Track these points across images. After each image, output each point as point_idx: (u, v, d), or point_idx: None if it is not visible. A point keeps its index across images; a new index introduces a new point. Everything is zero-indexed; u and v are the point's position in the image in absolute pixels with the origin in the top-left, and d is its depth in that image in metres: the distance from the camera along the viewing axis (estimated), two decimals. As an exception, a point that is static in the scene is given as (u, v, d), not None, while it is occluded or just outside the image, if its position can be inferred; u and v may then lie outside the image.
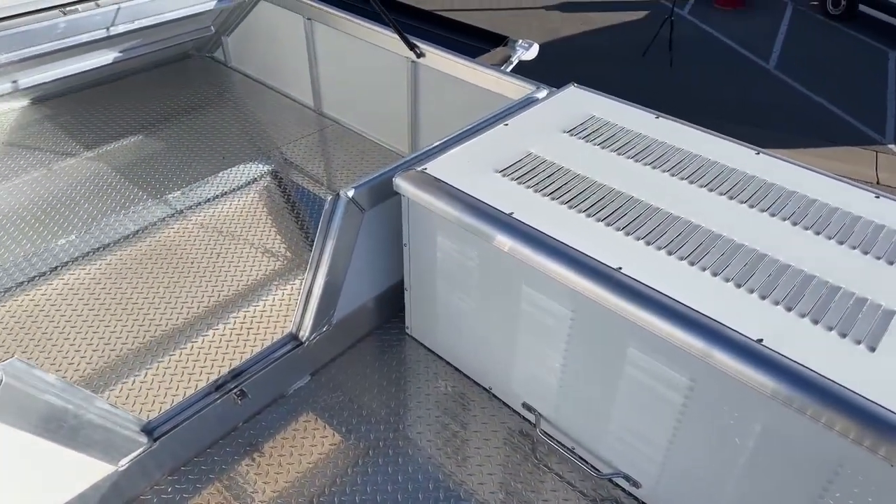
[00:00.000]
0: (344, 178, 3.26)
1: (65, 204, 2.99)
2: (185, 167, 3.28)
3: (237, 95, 3.92)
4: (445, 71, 2.95)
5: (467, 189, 1.91)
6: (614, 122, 2.27)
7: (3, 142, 3.37)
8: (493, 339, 2.05)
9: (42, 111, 3.62)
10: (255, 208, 3.04)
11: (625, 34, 9.43)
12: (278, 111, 3.77)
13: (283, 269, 2.71)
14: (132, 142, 3.45)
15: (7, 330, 2.37)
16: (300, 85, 3.76)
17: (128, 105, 3.74)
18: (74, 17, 3.09)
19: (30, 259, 2.68)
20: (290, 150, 3.45)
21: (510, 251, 1.77)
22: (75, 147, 3.38)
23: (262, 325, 2.45)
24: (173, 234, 2.87)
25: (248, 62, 4.08)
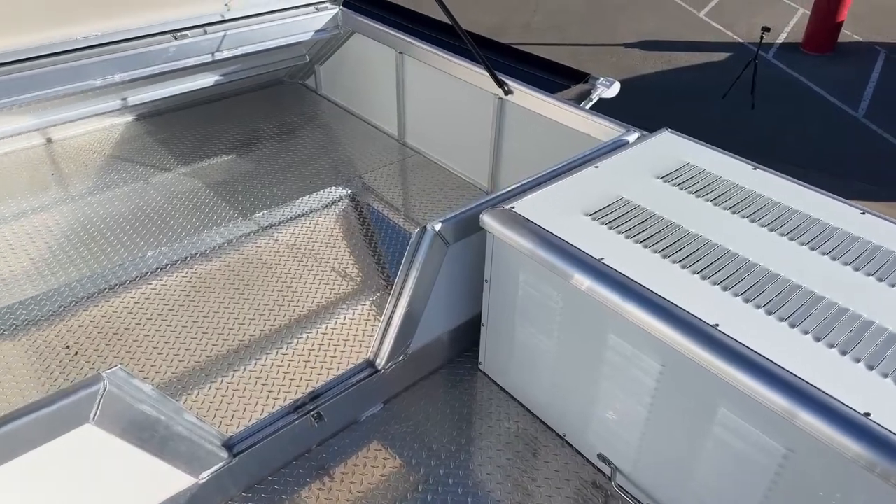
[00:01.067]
0: (422, 207, 3.31)
1: (160, 215, 3.15)
2: (272, 187, 3.41)
3: (325, 121, 4.06)
4: (532, 108, 2.97)
5: (556, 231, 1.90)
6: (710, 170, 2.22)
7: (108, 154, 3.59)
8: (571, 384, 2.01)
9: (145, 127, 3.85)
10: (336, 231, 3.11)
11: (706, 75, 9.27)
12: (363, 139, 3.88)
13: (358, 293, 2.75)
14: (225, 160, 3.61)
15: (101, 334, 2.49)
16: (386, 114, 3.86)
17: (223, 126, 3.93)
18: (184, 42, 3.29)
19: (125, 266, 2.83)
20: (372, 177, 3.53)
21: (598, 297, 1.74)
22: (172, 162, 3.56)
23: (337, 347, 2.49)
24: (258, 250, 2.97)
25: (337, 90, 4.23)
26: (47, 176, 3.38)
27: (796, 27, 10.64)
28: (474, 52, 3.04)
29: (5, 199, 3.18)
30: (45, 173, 3.40)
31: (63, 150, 3.60)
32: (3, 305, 2.59)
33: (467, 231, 2.16)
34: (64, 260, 2.84)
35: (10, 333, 2.49)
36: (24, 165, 3.44)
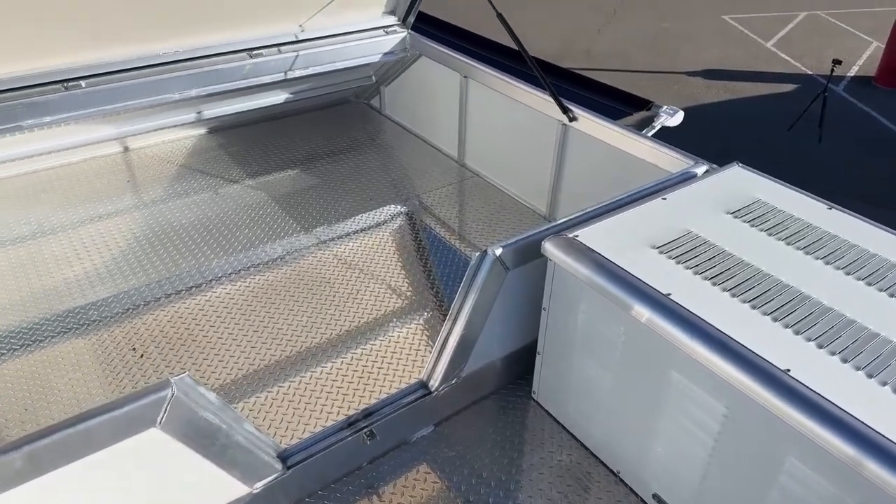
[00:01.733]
0: (479, 230, 3.32)
1: (226, 225, 3.25)
2: (333, 203, 3.48)
3: (387, 141, 4.13)
4: (596, 136, 2.95)
5: (621, 263, 1.87)
6: (782, 208, 2.15)
7: (180, 164, 3.74)
8: (628, 420, 1.96)
9: (217, 140, 4.00)
10: (392, 249, 3.15)
11: (771, 106, 9.04)
12: (423, 159, 3.93)
13: (412, 312, 2.77)
14: (290, 175, 3.71)
15: (166, 338, 2.58)
16: (447, 136, 3.90)
17: (290, 141, 4.05)
18: (259, 60, 3.41)
19: (191, 273, 2.92)
20: (430, 197, 3.56)
21: (663, 333, 1.70)
22: (240, 174, 3.68)
23: (390, 365, 2.51)
24: (317, 263, 3.03)
25: (400, 111, 4.30)
26: (123, 182, 3.54)
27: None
28: (539, 78, 3.05)
29: (84, 204, 3.35)
30: (122, 180, 3.56)
31: (139, 158, 3.77)
32: (77, 305, 2.71)
33: (528, 257, 2.15)
34: (134, 264, 2.96)
35: (81, 332, 2.60)
36: (103, 172, 3.62)
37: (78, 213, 3.27)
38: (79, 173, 3.58)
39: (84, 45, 2.94)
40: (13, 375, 2.39)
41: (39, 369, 2.42)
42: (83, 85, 2.96)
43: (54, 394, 2.32)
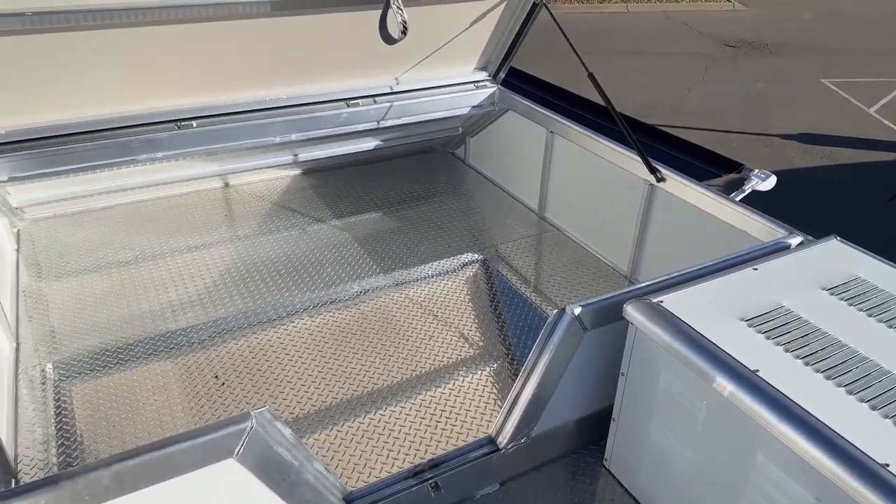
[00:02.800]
0: (556, 284, 3.29)
1: (311, 262, 3.37)
2: (412, 247, 3.55)
3: (468, 190, 4.20)
4: (685, 198, 2.90)
5: (707, 333, 1.81)
6: (884, 287, 2.03)
7: (273, 202, 3.93)
8: (706, 499, 1.86)
9: (308, 181, 4.19)
10: (467, 297, 3.17)
11: (873, 175, 8.58)
12: (503, 210, 3.96)
13: (482, 362, 2.76)
14: (373, 217, 3.83)
15: (247, 368, 2.68)
16: (529, 189, 3.93)
17: (376, 185, 4.19)
18: (355, 109, 3.59)
19: (275, 306, 3.04)
20: (508, 248, 3.58)
21: (750, 413, 1.62)
22: (328, 215, 3.83)
23: (458, 416, 2.50)
24: (392, 305, 3.08)
25: (484, 161, 4.38)
26: (221, 216, 3.75)
27: None
28: (628, 137, 3.05)
29: (183, 234, 3.57)
30: (219, 214, 3.78)
31: (237, 194, 4.00)
32: (168, 329, 2.86)
33: (607, 319, 2.11)
34: (224, 294, 3.11)
35: (169, 355, 2.74)
36: (203, 205, 3.86)
37: (177, 243, 3.48)
38: (182, 205, 3.83)
39: (198, 90, 3.18)
40: (105, 391, 2.54)
41: (128, 388, 2.56)
42: (194, 125, 3.19)
43: (140, 414, 2.45)
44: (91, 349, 2.73)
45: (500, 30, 3.68)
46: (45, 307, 2.96)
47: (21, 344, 2.72)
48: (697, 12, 16.86)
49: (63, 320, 2.89)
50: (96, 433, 2.36)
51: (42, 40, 2.60)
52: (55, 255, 3.31)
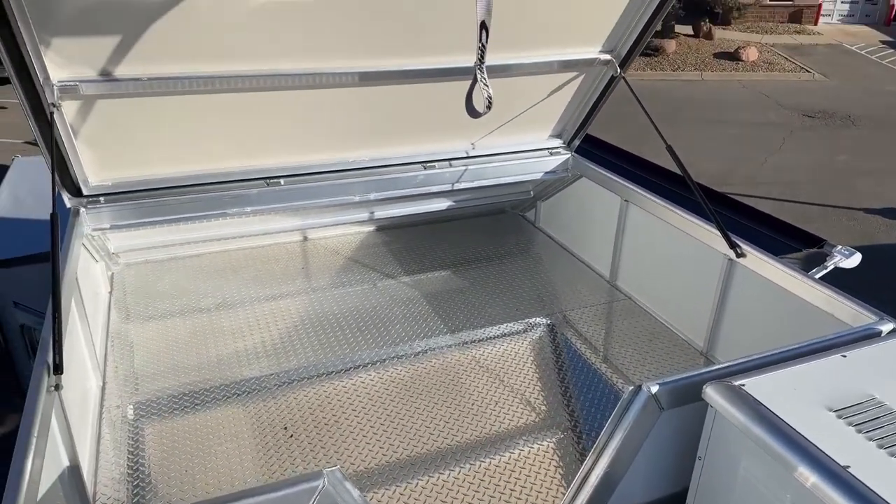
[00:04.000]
0: (625, 356, 3.22)
1: (379, 317, 3.44)
2: (479, 308, 3.57)
3: (538, 253, 4.21)
4: (766, 275, 2.81)
5: (794, 423, 1.72)
6: None
7: (348, 257, 4.06)
8: None
9: (382, 237, 4.32)
10: (532, 363, 3.14)
11: (968, 255, 8.07)
12: (573, 275, 3.94)
13: (546, 432, 2.71)
14: (442, 276, 3.89)
15: (314, 420, 2.72)
16: (600, 255, 3.90)
17: (446, 244, 4.27)
18: (431, 172, 3.71)
19: (344, 359, 3.10)
20: (576, 315, 3.54)
21: (841, 512, 1.52)
22: (398, 271, 3.92)
23: (522, 488, 2.44)
24: (457, 365, 3.09)
25: (554, 225, 4.40)
26: (298, 269, 3.90)
27: None
28: (706, 209, 3.01)
29: (261, 283, 3.72)
30: (297, 266, 3.93)
31: (314, 248, 4.15)
32: (241, 377, 2.96)
33: (685, 399, 2.04)
34: (297, 344, 3.20)
35: (241, 402, 2.82)
36: (282, 257, 4.02)
37: (256, 292, 3.63)
38: (263, 256, 4.00)
39: (288, 150, 3.37)
40: (180, 434, 2.63)
41: (202, 433, 2.64)
42: (282, 183, 3.37)
43: (211, 460, 2.51)
44: (169, 392, 2.85)
45: (577, 100, 3.75)
46: (131, 348, 3.12)
47: (107, 383, 2.87)
48: (775, 82, 16.65)
49: (145, 362, 3.03)
50: (169, 476, 2.44)
51: (151, 102, 2.84)
52: (143, 298, 3.50)
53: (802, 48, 20.77)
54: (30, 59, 2.39)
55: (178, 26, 2.53)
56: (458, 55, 3.10)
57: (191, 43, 2.63)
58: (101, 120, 2.81)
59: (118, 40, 2.50)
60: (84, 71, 2.57)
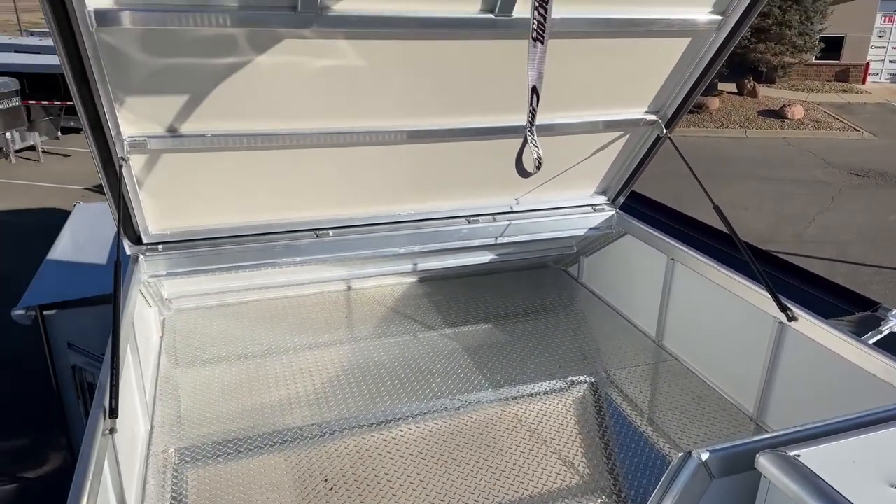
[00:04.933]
0: (672, 419, 3.13)
1: (420, 370, 3.44)
2: (521, 364, 3.54)
3: (581, 309, 4.18)
4: (819, 340, 2.73)
5: (854, 499, 1.64)
6: None
7: (389, 307, 4.10)
8: None
9: (423, 289, 4.36)
10: (573, 422, 3.08)
11: None
12: (617, 333, 3.89)
13: (589, 496, 2.63)
14: (483, 329, 3.88)
15: (354, 472, 2.71)
16: (645, 314, 3.85)
17: (488, 298, 4.27)
18: (475, 226, 3.76)
19: (384, 411, 3.10)
20: (620, 375, 3.47)
21: None
22: (439, 323, 3.93)
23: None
24: (498, 422, 3.05)
25: (598, 282, 4.37)
26: (341, 318, 3.95)
27: None
28: (755, 271, 2.96)
29: (305, 332, 3.77)
30: (340, 315, 3.98)
31: (357, 298, 4.21)
32: (283, 426, 2.98)
33: (737, 467, 1.97)
34: (339, 394, 3.21)
35: (281, 452, 2.83)
36: (326, 306, 4.08)
37: (300, 340, 3.68)
38: (307, 305, 4.08)
39: (336, 203, 3.48)
40: (222, 481, 2.64)
41: (243, 481, 2.65)
42: (330, 234, 3.46)
43: (252, 509, 2.52)
44: (213, 438, 2.88)
45: (622, 158, 3.78)
46: (178, 393, 3.18)
47: (154, 427, 2.92)
48: (822, 140, 16.44)
49: (191, 407, 3.08)
50: (210, 524, 2.44)
51: (211, 157, 2.98)
52: (192, 344, 3.59)
53: (850, 107, 20.54)
54: (104, 115, 2.55)
55: (239, 88, 2.68)
56: (505, 115, 3.19)
57: (250, 103, 2.77)
58: (165, 172, 2.96)
59: (185, 100, 2.65)
60: (152, 127, 2.72)
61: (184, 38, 2.41)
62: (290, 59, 2.61)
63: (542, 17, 1.92)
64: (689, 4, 2.88)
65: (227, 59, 2.55)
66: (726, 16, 2.94)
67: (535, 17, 1.93)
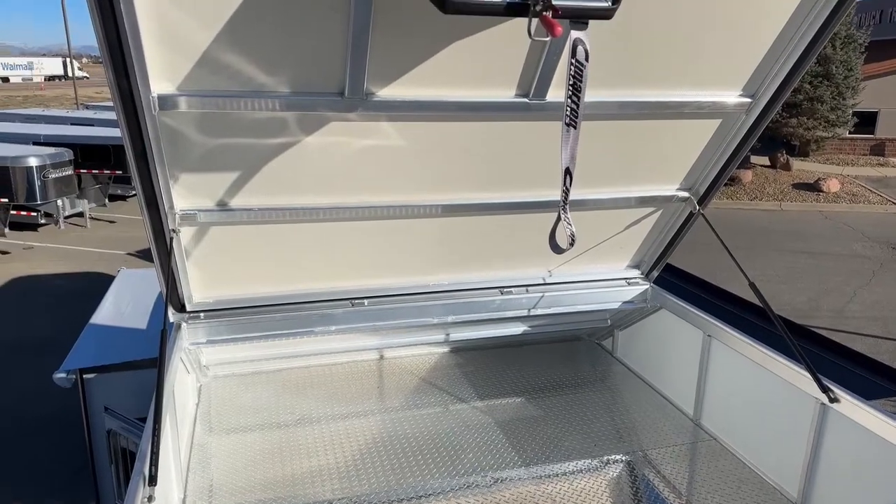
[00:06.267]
0: (713, 502, 3.02)
1: (451, 444, 3.40)
2: (554, 440, 3.47)
3: (615, 385, 4.11)
4: (864, 424, 2.64)
5: None
6: None
7: (421, 378, 4.10)
8: None
9: (455, 359, 4.36)
10: (608, 502, 2.99)
11: None
12: (653, 411, 3.81)
13: None
14: (515, 403, 3.84)
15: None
16: (682, 391, 3.77)
17: (520, 370, 4.25)
18: (508, 297, 3.79)
19: (414, 486, 3.05)
20: (658, 455, 3.38)
21: None
22: (471, 395, 3.91)
23: None
24: (529, 499, 2.99)
25: (633, 356, 4.32)
26: (373, 388, 3.96)
27: None
28: (794, 349, 2.91)
29: (337, 401, 3.79)
30: (373, 385, 4.00)
31: (389, 367, 4.23)
32: (313, 500, 2.95)
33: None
34: (368, 467, 3.19)
35: None
36: (358, 375, 4.11)
37: (332, 410, 3.69)
38: (340, 374, 4.10)
39: (372, 273, 3.56)
40: (251, 555, 2.62)
41: (272, 555, 2.62)
42: (366, 304, 3.53)
43: (280, 584, 2.48)
44: None
45: (655, 232, 3.81)
46: (210, 461, 3.20)
47: (188, 495, 2.93)
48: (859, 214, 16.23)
49: (223, 476, 3.09)
50: None
51: (256, 229, 3.11)
52: (226, 412, 3.63)
53: (887, 180, 20.32)
54: (159, 191, 2.71)
55: (285, 165, 2.82)
56: (538, 190, 3.27)
57: (296, 178, 2.91)
58: (211, 243, 3.09)
59: (235, 176, 2.80)
60: (203, 201, 2.87)
61: (237, 119, 2.58)
62: (334, 139, 2.76)
63: (574, 104, 2.02)
64: (718, 87, 2.97)
65: (276, 140, 2.70)
66: (756, 98, 3.02)
67: (568, 104, 2.03)
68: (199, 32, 2.23)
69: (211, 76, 2.37)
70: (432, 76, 2.58)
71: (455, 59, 2.53)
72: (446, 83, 2.63)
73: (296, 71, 2.45)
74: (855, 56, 20.61)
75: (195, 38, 2.25)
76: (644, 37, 2.65)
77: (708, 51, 2.79)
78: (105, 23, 2.08)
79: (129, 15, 2.09)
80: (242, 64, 2.36)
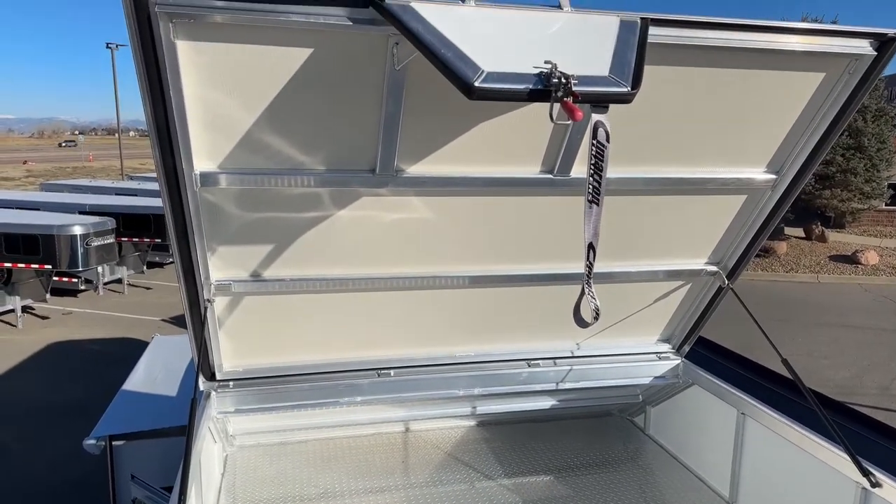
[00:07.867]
0: None
1: None
2: None
3: (648, 463, 3.98)
4: (911, 511, 2.51)
5: None
6: None
7: (447, 452, 4.03)
8: None
9: (482, 434, 4.28)
10: None
11: None
12: (688, 492, 3.66)
13: None
14: (544, 481, 3.73)
15: None
16: (718, 471, 3.63)
17: (549, 446, 4.14)
18: (535, 369, 3.75)
19: None
20: None
21: None
22: (498, 472, 3.81)
23: None
24: None
25: (666, 434, 4.19)
26: (398, 461, 3.90)
27: None
28: (832, 431, 2.80)
29: (362, 475, 3.73)
30: (397, 459, 3.93)
31: (414, 440, 4.17)
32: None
33: None
34: (392, 547, 3.11)
35: None
36: (383, 448, 4.06)
37: (356, 484, 3.63)
38: (364, 446, 4.06)
39: (398, 344, 3.58)
40: None
41: None
42: (392, 374, 3.53)
43: None
44: None
45: (684, 306, 3.77)
46: None
47: None
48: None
49: None
50: None
51: (286, 299, 3.18)
52: (251, 484, 3.60)
53: (928, 252, 19.79)
54: (197, 262, 2.81)
55: (318, 238, 2.92)
56: (564, 262, 3.29)
57: (327, 250, 3.00)
58: (244, 313, 3.16)
59: (269, 248, 2.90)
60: (237, 272, 2.97)
61: (273, 195, 2.69)
62: (364, 213, 2.85)
63: (596, 182, 2.07)
64: (741, 164, 3.01)
65: (309, 214, 2.81)
66: (781, 175, 3.04)
67: (590, 182, 2.08)
68: (240, 116, 2.38)
69: (250, 155, 2.51)
70: (460, 154, 2.68)
71: (481, 139, 2.63)
72: (473, 161, 2.72)
73: (330, 150, 2.57)
74: (887, 129, 20.54)
75: (237, 121, 2.40)
76: (665, 116, 2.72)
77: (730, 129, 2.85)
78: (154, 106, 2.24)
79: (177, 99, 2.24)
80: (280, 145, 2.50)
